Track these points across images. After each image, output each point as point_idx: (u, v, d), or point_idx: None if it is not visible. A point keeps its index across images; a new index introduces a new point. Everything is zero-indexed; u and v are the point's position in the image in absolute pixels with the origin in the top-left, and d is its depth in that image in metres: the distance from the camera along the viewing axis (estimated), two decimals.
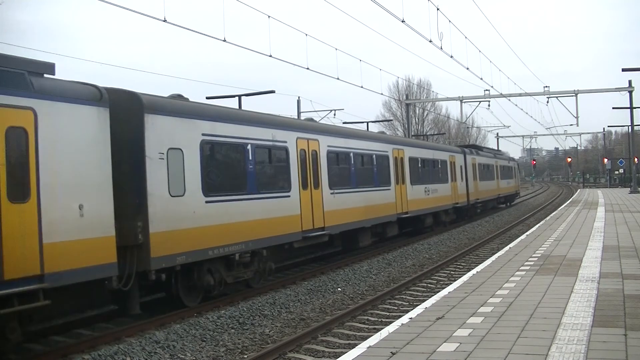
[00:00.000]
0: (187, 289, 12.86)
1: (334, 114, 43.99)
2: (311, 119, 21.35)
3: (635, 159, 55.07)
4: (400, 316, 10.05)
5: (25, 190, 8.99)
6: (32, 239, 8.90)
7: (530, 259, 14.51)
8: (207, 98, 31.52)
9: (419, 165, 26.91)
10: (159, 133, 11.76)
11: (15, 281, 8.59)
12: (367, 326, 11.80)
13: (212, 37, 22.81)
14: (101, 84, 10.97)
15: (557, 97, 49.70)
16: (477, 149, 41.83)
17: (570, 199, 47.39)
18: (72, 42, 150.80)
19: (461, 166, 33.22)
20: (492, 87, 46.62)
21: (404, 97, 74.12)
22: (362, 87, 33.64)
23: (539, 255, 15.20)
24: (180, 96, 13.55)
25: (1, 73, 8.91)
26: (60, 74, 10.27)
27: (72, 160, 9.76)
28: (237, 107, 15.83)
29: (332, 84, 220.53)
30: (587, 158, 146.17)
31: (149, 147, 11.42)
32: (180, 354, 10.22)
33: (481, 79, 39.08)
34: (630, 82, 49.36)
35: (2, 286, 8.41)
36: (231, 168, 14.15)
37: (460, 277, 13.13)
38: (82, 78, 10.83)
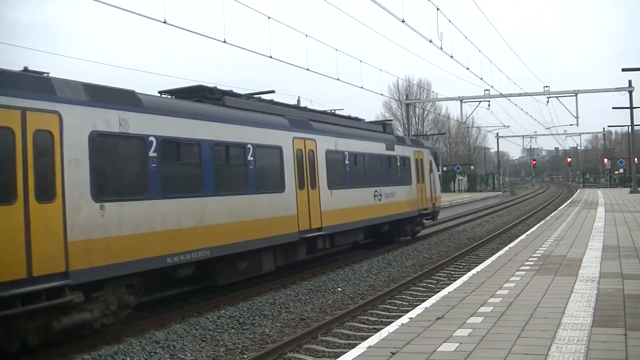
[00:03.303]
0: None
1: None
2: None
3: (635, 159, 55.07)
4: (400, 316, 10.05)
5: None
6: None
7: (530, 259, 14.51)
8: None
9: None
10: None
11: None
12: (367, 326, 11.80)
13: (212, 38, 22.81)
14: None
15: (557, 97, 49.72)
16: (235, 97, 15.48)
17: (570, 199, 47.37)
18: (72, 42, 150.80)
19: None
20: (492, 87, 46.74)
21: (404, 97, 74.18)
22: (362, 87, 33.57)
23: (539, 255, 15.20)
24: None
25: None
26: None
27: None
28: None
29: (332, 84, 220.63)
30: (587, 158, 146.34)
31: None
32: (180, 354, 10.22)
33: (481, 79, 39.23)
34: (630, 82, 49.40)
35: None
36: None
37: (460, 277, 13.12)
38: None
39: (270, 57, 21.41)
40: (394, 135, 24.59)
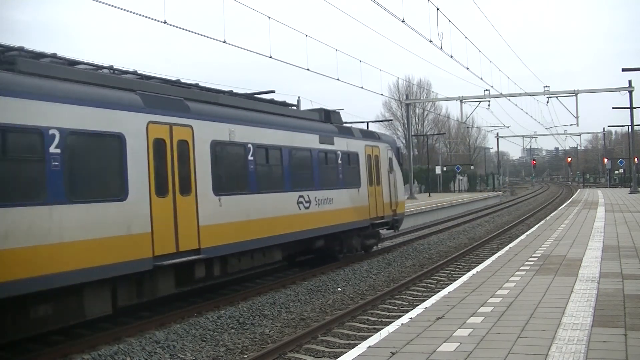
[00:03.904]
0: None
1: None
2: None
3: (635, 159, 55.10)
4: (400, 316, 10.05)
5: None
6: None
7: (530, 259, 14.51)
8: None
9: None
10: None
11: None
12: (367, 326, 11.81)
13: (213, 38, 22.81)
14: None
15: (557, 97, 49.75)
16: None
17: (570, 199, 47.37)
18: (72, 42, 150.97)
19: None
20: (492, 87, 46.80)
21: (404, 97, 74.24)
22: (362, 87, 33.63)
23: (539, 255, 15.19)
24: None
25: None
26: None
27: None
28: None
29: (332, 84, 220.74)
30: (587, 158, 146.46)
31: None
32: (180, 354, 10.22)
33: (481, 79, 39.31)
34: (630, 82, 49.43)
35: None
36: None
37: (460, 277, 13.12)
38: None
39: (270, 57, 21.42)
40: (334, 125, 19.04)
